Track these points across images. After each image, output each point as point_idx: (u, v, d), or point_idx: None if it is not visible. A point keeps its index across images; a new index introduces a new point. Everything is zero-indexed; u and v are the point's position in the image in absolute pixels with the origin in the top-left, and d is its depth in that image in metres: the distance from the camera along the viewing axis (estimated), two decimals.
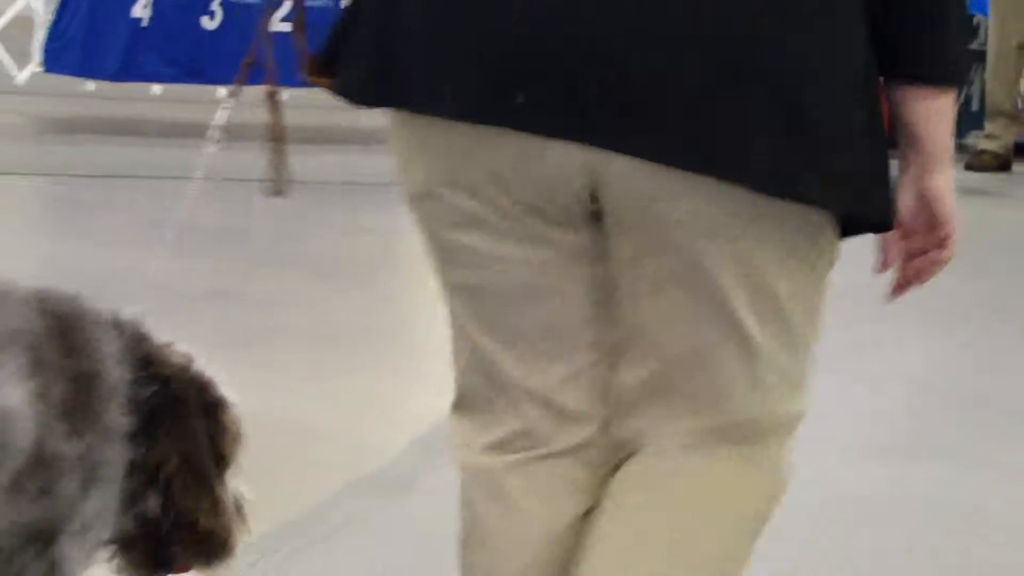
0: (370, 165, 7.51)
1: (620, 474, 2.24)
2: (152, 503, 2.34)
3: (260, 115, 8.27)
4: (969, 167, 10.05)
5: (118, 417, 2.30)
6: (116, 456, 2.30)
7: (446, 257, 2.17)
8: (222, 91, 8.54)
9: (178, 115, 9.14)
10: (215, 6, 9.20)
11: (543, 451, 2.23)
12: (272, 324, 5.76)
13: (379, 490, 4.15)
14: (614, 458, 2.25)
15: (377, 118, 2.78)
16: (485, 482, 2.27)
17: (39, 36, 8.90)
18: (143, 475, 2.39)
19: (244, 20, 8.67)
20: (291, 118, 8.47)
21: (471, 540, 2.25)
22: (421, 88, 2.06)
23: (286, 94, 8.60)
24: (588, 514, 2.25)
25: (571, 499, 2.23)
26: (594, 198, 2.04)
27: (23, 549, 2.27)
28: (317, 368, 5.21)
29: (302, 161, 7.87)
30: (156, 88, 9.39)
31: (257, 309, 5.90)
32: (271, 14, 8.47)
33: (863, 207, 2.05)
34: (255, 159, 7.83)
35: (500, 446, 2.25)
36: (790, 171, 1.97)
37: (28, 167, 7.88)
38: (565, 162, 1.99)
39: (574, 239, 2.09)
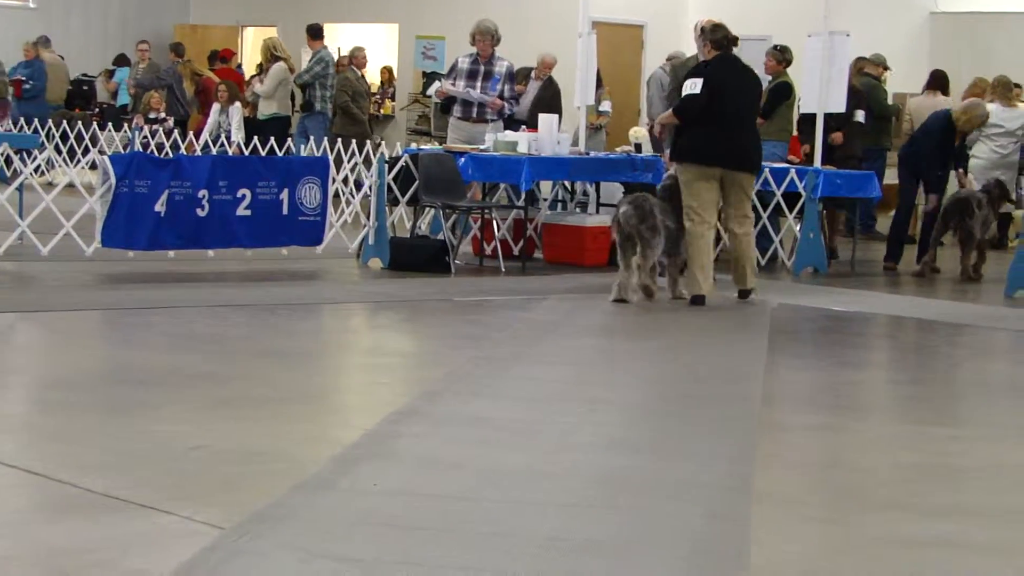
0: (288, 294, 9.94)
1: (727, 231, 10.85)
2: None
3: (241, 264, 10.80)
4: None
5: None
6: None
7: (689, 187, 10.18)
8: (210, 253, 11.09)
9: (185, 268, 10.85)
10: (204, 202, 10.88)
11: (707, 225, 10.24)
12: (238, 393, 6.42)
13: (306, 490, 4.78)
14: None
15: (304, 264, 9.31)
16: (695, 231, 10.13)
17: (99, 226, 10.50)
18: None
19: (223, 210, 11.05)
20: (261, 265, 10.86)
21: (693, 247, 10.14)
22: (699, 159, 10.23)
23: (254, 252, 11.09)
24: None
25: (711, 235, 10.30)
26: (721, 178, 10.20)
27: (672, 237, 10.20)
28: (267, 416, 6.02)
29: (259, 293, 9.74)
30: (171, 253, 11.03)
31: (233, 383, 6.68)
32: None
33: (758, 170, 10.67)
34: (232, 293, 9.66)
35: (701, 223, 10.17)
36: (754, 166, 10.48)
37: (94, 305, 9.20)
38: (719, 171, 10.23)
39: (716, 183, 10.28)
